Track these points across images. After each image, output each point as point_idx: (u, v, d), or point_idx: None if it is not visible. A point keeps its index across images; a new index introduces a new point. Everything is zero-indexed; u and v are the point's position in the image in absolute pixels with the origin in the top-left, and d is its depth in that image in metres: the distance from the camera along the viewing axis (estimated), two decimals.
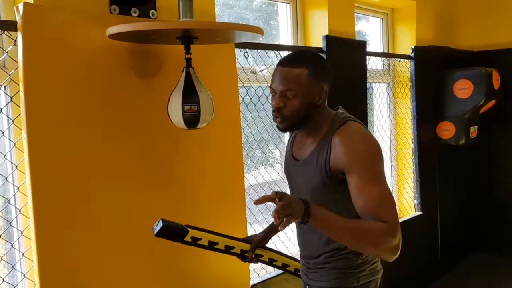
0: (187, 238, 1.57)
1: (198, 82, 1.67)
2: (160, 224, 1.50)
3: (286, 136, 2.78)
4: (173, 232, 1.54)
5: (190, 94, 1.61)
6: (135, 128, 1.84)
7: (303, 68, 1.44)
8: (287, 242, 2.72)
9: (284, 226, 1.24)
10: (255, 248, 1.74)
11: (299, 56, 1.52)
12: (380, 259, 1.47)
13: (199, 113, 1.63)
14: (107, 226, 1.77)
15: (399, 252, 1.37)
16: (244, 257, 1.74)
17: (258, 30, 1.60)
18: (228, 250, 1.68)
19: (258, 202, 1.28)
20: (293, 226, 2.03)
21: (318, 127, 1.51)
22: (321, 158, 1.46)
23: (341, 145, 1.41)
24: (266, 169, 2.81)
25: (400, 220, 3.73)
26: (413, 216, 3.72)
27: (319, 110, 1.49)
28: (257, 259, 1.76)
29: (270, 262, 1.81)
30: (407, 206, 3.81)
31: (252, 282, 2.40)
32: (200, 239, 1.59)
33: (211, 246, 1.64)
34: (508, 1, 4.19)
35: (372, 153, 1.42)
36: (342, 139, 1.42)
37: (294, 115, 1.46)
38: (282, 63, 1.49)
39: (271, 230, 1.82)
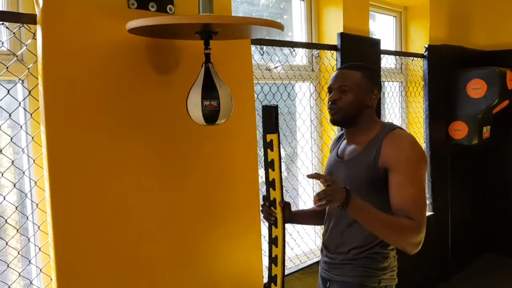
0: (270, 137, 1.65)
1: (218, 78, 1.66)
2: (274, 106, 1.65)
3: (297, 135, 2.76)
4: (275, 117, 1.64)
5: (209, 89, 1.60)
6: (153, 123, 1.83)
7: (357, 71, 1.67)
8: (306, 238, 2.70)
9: (321, 207, 1.40)
10: (283, 211, 1.68)
11: (356, 64, 1.77)
12: (404, 250, 1.56)
13: (218, 108, 1.61)
14: (124, 221, 1.76)
15: (420, 247, 1.53)
16: (267, 207, 1.70)
17: (279, 26, 1.58)
18: (268, 183, 1.67)
19: (310, 176, 1.48)
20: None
21: (367, 130, 1.67)
22: (370, 156, 1.60)
23: (392, 146, 1.57)
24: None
25: None
26: None
27: (369, 113, 1.68)
28: (272, 220, 1.70)
29: (274, 223, 1.70)
30: None
31: (264, 280, 2.38)
32: (272, 150, 1.65)
33: (268, 166, 1.66)
34: None
35: (417, 158, 1.57)
36: (393, 141, 1.58)
37: (347, 108, 1.64)
38: (340, 68, 1.74)
39: (300, 215, 1.93)
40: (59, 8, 1.56)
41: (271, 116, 1.65)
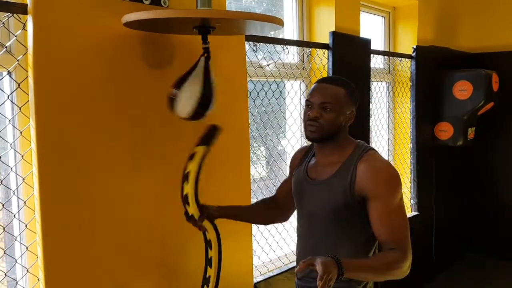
0: (195, 150, 1.57)
1: (213, 72, 1.62)
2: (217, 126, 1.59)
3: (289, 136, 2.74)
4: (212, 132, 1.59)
5: (209, 84, 1.56)
6: (146, 119, 1.78)
7: (341, 88, 1.58)
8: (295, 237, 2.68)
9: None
10: (210, 220, 1.64)
11: (338, 78, 1.68)
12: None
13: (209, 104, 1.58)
14: (115, 220, 1.71)
15: (409, 271, 1.54)
16: (190, 218, 1.62)
17: (279, 21, 1.55)
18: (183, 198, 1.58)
19: (299, 270, 1.38)
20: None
21: (342, 148, 1.61)
22: (345, 180, 1.55)
23: (368, 171, 1.53)
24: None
25: None
26: (409, 216, 3.69)
27: (346, 131, 1.63)
28: (203, 230, 1.64)
29: (208, 244, 1.64)
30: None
31: (255, 280, 2.36)
32: (192, 160, 1.57)
33: (184, 178, 1.57)
34: (508, 3, 4.22)
35: (395, 183, 1.55)
36: (368, 166, 1.54)
37: (328, 126, 1.55)
38: (322, 80, 1.64)
39: (230, 210, 1.77)
40: None
41: (211, 133, 1.59)
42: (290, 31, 2.91)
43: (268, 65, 2.51)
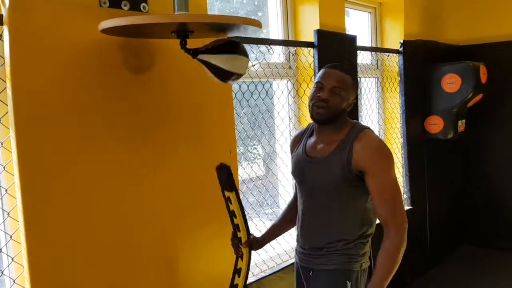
0: (228, 194, 1.76)
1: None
2: (226, 166, 1.75)
3: (277, 134, 2.74)
4: (228, 177, 1.74)
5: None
6: (128, 125, 1.78)
7: (349, 75, 1.74)
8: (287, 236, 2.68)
9: None
10: (249, 248, 1.84)
11: (346, 66, 1.80)
12: None
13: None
14: (100, 225, 1.71)
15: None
16: (235, 244, 1.84)
17: (257, 23, 1.55)
18: (234, 226, 1.82)
19: None
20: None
21: (341, 128, 1.73)
22: (343, 157, 1.68)
23: (364, 149, 1.66)
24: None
25: None
26: None
27: (345, 116, 1.75)
28: (239, 254, 1.85)
29: (236, 272, 1.86)
30: None
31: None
32: (231, 203, 1.77)
33: (231, 215, 1.80)
34: None
35: (389, 159, 1.69)
36: (364, 144, 1.67)
37: (336, 109, 1.69)
38: (333, 66, 1.76)
39: (270, 235, 1.98)
40: (27, 7, 1.49)
41: (225, 175, 1.75)
42: (275, 30, 2.90)
43: (254, 65, 2.51)
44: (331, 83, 1.69)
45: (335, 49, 2.93)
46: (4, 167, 1.57)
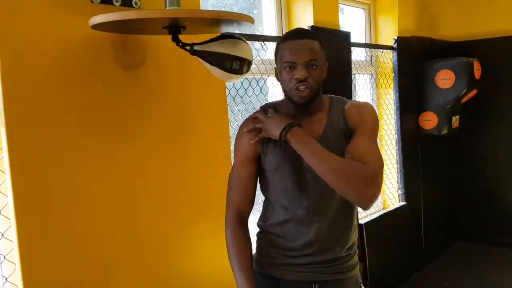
0: None
1: None
2: None
3: None
4: None
5: None
6: (121, 122, 1.77)
7: (316, 40, 1.47)
8: None
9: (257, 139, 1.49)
10: None
11: (309, 31, 1.59)
12: (356, 202, 1.48)
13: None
14: (94, 222, 1.70)
15: (372, 203, 1.41)
16: None
17: (249, 19, 1.54)
18: None
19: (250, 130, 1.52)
20: None
21: (321, 103, 1.54)
22: (339, 127, 1.51)
23: (359, 111, 1.51)
24: None
25: (384, 211, 3.70)
26: (397, 206, 3.73)
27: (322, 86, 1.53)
28: None
29: None
30: (391, 196, 3.82)
31: None
32: None
33: None
34: None
35: (377, 124, 1.55)
36: (358, 108, 1.53)
37: (317, 85, 1.46)
38: (297, 35, 1.48)
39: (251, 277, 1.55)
40: (15, 2, 1.48)
41: None
42: (269, 27, 2.90)
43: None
44: (304, 57, 1.42)
45: (329, 45, 2.90)
46: None
